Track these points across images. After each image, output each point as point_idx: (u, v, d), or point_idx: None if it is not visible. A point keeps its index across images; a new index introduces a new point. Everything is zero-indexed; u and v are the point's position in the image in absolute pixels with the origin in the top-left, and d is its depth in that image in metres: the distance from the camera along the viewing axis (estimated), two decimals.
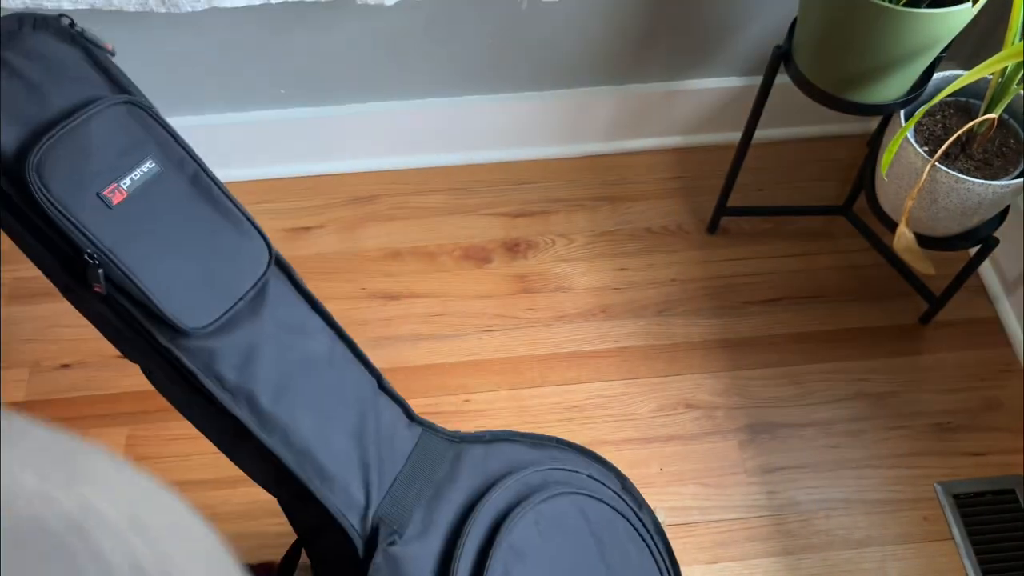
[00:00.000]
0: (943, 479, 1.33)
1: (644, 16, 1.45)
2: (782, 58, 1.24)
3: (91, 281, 0.64)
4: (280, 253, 0.78)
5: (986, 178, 1.16)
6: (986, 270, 1.52)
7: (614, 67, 1.54)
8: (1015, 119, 1.22)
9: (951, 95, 1.21)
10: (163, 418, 1.36)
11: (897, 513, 1.30)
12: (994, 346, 1.45)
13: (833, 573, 1.25)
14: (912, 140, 1.17)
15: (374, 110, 1.56)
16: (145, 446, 1.35)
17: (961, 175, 1.14)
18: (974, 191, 1.14)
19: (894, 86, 1.16)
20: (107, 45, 0.71)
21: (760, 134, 1.39)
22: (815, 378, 1.42)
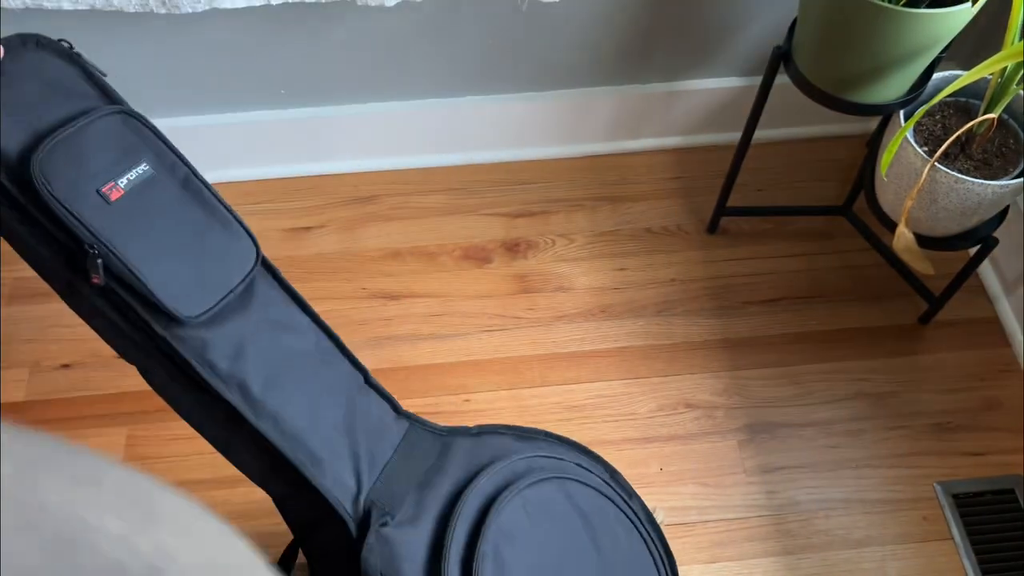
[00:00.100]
0: (943, 479, 1.33)
1: (644, 16, 1.45)
2: (782, 58, 1.24)
3: (91, 272, 0.69)
4: (266, 256, 0.82)
5: (986, 178, 1.16)
6: (985, 270, 1.52)
7: (614, 67, 1.54)
8: (1015, 119, 1.22)
9: (951, 95, 1.21)
10: (163, 418, 1.36)
11: (897, 513, 1.30)
12: (994, 346, 1.46)
13: (832, 573, 1.25)
14: (912, 140, 1.17)
15: (374, 110, 1.56)
16: (145, 446, 1.35)
17: (961, 175, 1.14)
18: (973, 191, 1.14)
19: (894, 86, 1.16)
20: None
21: (760, 134, 1.39)
22: (815, 378, 1.42)
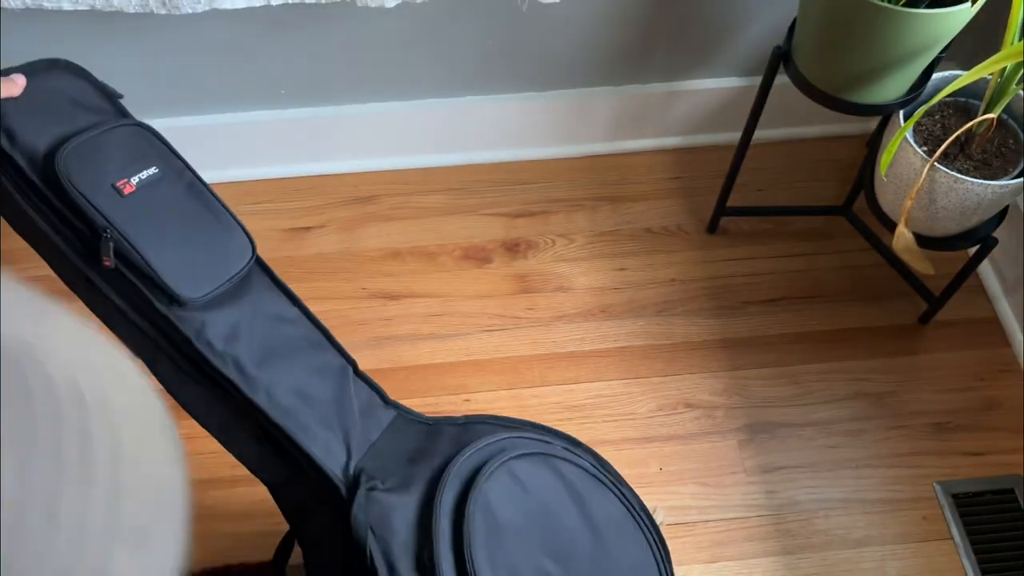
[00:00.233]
0: (942, 479, 1.33)
1: (644, 16, 1.45)
2: (782, 58, 1.24)
3: (103, 255, 0.77)
4: (262, 257, 0.89)
5: (985, 178, 1.16)
6: (985, 270, 1.52)
7: (614, 67, 1.54)
8: (1014, 119, 1.22)
9: (950, 95, 1.21)
10: None
11: (896, 513, 1.30)
12: (993, 346, 1.46)
13: (832, 573, 1.25)
14: (911, 140, 1.17)
15: (374, 110, 1.56)
16: None
17: (960, 175, 1.14)
18: (973, 191, 1.14)
19: (893, 86, 1.16)
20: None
21: (760, 134, 1.39)
22: (814, 378, 1.43)
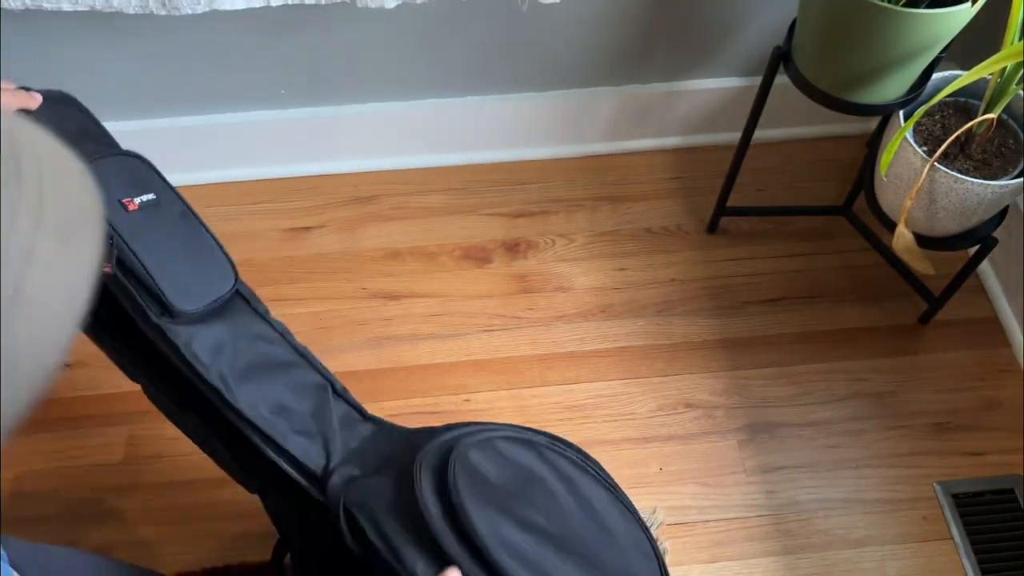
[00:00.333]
0: (942, 479, 1.33)
1: (644, 16, 1.45)
2: (781, 58, 1.24)
3: (105, 260, 0.81)
4: (243, 281, 0.94)
5: (985, 178, 1.16)
6: (985, 270, 1.52)
7: (614, 67, 1.54)
8: (1014, 119, 1.22)
9: (950, 95, 1.21)
10: (163, 418, 1.36)
11: (896, 513, 1.30)
12: (993, 346, 1.46)
13: (832, 573, 1.25)
14: (911, 140, 1.17)
15: (374, 110, 1.56)
16: (145, 446, 1.35)
17: (960, 175, 1.14)
18: (973, 191, 1.14)
19: (893, 86, 1.16)
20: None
21: (760, 134, 1.39)
22: (814, 378, 1.42)
